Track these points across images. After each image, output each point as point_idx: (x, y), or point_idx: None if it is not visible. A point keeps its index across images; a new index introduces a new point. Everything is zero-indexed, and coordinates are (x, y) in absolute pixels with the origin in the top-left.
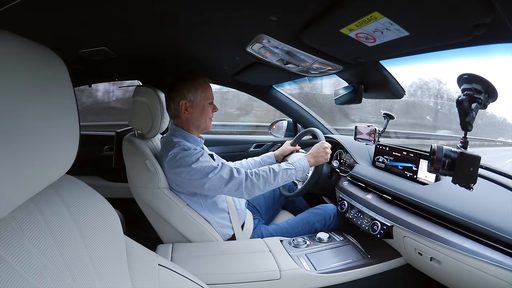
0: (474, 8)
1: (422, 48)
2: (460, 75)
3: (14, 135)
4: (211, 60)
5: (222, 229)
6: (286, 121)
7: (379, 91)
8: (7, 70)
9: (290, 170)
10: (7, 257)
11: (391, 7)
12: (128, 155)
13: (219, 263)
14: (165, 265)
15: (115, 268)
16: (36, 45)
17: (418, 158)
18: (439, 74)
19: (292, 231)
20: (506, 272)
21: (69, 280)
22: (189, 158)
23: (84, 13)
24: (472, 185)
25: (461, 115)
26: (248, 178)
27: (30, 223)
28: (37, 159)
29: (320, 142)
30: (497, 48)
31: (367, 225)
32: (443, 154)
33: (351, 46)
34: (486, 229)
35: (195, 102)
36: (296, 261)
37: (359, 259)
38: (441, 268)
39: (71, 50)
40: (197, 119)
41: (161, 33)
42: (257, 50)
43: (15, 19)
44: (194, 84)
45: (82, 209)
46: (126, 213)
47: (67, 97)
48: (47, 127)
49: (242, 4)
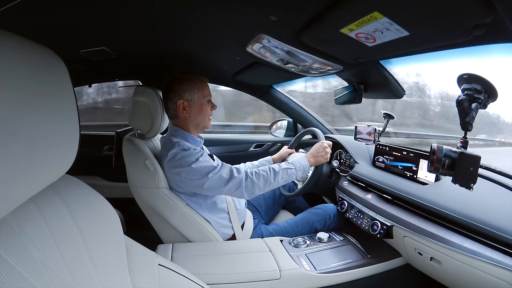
0: (474, 8)
1: (422, 48)
2: (460, 75)
3: (14, 135)
4: (211, 60)
5: (222, 229)
6: (286, 121)
7: (379, 91)
8: (7, 70)
9: (290, 169)
10: (7, 257)
11: (391, 7)
12: (128, 155)
13: (219, 263)
14: (165, 265)
15: (115, 268)
16: (36, 45)
17: (418, 158)
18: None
19: (292, 231)
20: (506, 272)
21: (69, 280)
22: (189, 158)
23: (84, 13)
24: (472, 185)
25: (461, 115)
26: (248, 178)
27: (30, 223)
28: (37, 159)
29: (320, 142)
30: (495, 48)
31: (367, 225)
32: (443, 154)
33: (351, 46)
34: (486, 229)
35: (193, 101)
36: (296, 261)
37: (359, 259)
38: (441, 268)
39: (71, 50)
40: (195, 118)
41: (161, 33)
42: (257, 50)
43: (15, 19)
44: (191, 83)
45: (82, 209)
46: (126, 213)
47: (67, 97)
48: (47, 127)
49: (242, 4)
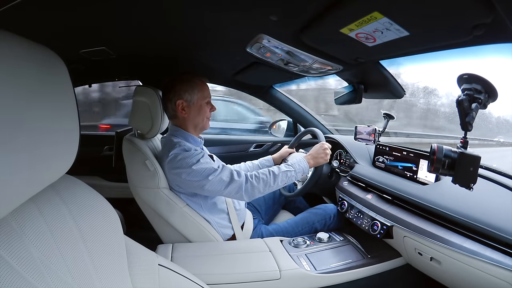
0: (474, 8)
1: (422, 48)
2: (460, 75)
3: (14, 135)
4: (211, 60)
5: (222, 229)
6: (286, 121)
7: (379, 91)
8: (7, 70)
9: (290, 172)
10: (7, 257)
11: (391, 7)
12: (128, 155)
13: (219, 263)
14: (165, 265)
15: (115, 268)
16: (36, 45)
17: (418, 158)
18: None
19: (292, 231)
20: (506, 272)
21: (69, 280)
22: (190, 159)
23: (84, 13)
24: (472, 185)
25: (461, 115)
26: (248, 181)
27: (30, 223)
28: (37, 159)
29: (320, 143)
30: (492, 48)
31: (367, 225)
32: (443, 154)
33: (351, 46)
34: (486, 229)
35: (192, 102)
36: (296, 261)
37: (359, 259)
38: (441, 268)
39: (71, 50)
40: (194, 119)
41: (161, 33)
42: (257, 50)
43: (15, 19)
44: (191, 84)
45: (82, 209)
46: (126, 213)
47: (67, 97)
48: (47, 127)
49: (242, 4)
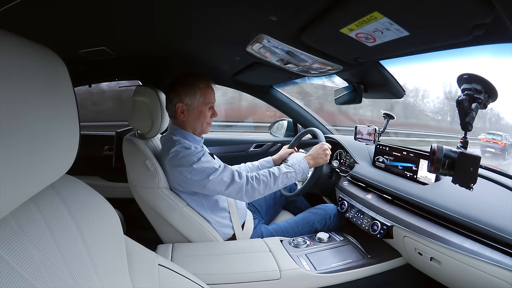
0: (474, 8)
1: (422, 48)
2: (460, 75)
3: (14, 135)
4: (211, 59)
5: (222, 228)
6: (286, 121)
7: (379, 91)
8: (7, 70)
9: (290, 173)
10: (7, 257)
11: (391, 7)
12: (128, 155)
13: (219, 263)
14: (165, 265)
15: (115, 268)
16: (36, 45)
17: (418, 158)
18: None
19: (292, 231)
20: (506, 272)
21: (69, 280)
22: (191, 158)
23: (84, 13)
24: (472, 185)
25: (461, 115)
26: (249, 183)
27: (30, 223)
28: (37, 159)
29: (320, 144)
30: (489, 49)
31: (367, 225)
32: (443, 154)
33: (351, 46)
34: (486, 229)
35: (192, 106)
36: (296, 261)
37: (359, 259)
38: (441, 268)
39: (71, 50)
40: (192, 123)
41: (161, 33)
42: (257, 50)
43: (15, 19)
44: (193, 88)
45: (82, 209)
46: (126, 213)
47: (67, 97)
48: (47, 127)
49: (242, 4)
